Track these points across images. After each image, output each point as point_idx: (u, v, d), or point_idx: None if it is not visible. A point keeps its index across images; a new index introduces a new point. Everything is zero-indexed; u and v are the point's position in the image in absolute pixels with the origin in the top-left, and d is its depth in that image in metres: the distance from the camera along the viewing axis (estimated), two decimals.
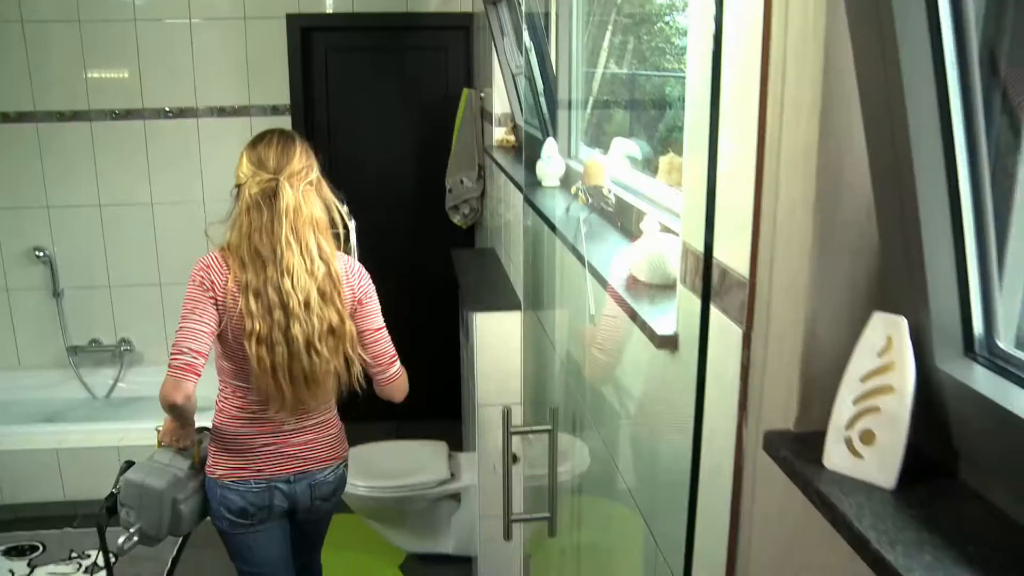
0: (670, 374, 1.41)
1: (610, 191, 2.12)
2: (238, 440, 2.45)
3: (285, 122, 4.95)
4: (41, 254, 5.06)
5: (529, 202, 2.65)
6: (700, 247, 1.22)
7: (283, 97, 4.96)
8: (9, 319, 5.19)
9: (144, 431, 4.18)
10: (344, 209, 2.55)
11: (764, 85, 1.03)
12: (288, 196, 2.28)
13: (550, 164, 2.74)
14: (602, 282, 1.74)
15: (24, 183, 4.98)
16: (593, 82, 2.94)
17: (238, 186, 2.38)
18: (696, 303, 1.24)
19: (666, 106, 2.49)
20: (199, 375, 2.24)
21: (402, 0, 4.93)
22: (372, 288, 2.55)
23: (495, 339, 3.21)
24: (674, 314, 1.40)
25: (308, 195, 2.34)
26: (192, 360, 2.22)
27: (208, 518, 2.56)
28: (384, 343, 2.56)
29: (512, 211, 3.52)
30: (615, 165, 2.28)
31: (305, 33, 4.95)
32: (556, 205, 2.51)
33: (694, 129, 1.29)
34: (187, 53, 4.87)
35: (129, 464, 2.47)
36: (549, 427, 2.08)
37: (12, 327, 5.20)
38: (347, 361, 2.46)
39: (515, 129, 4.30)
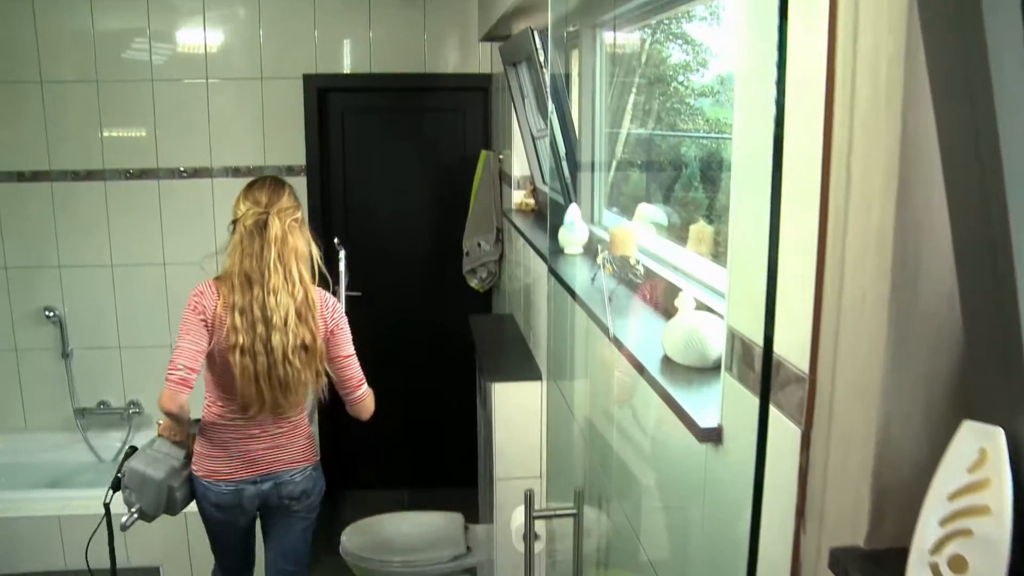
0: (713, 469, 1.29)
1: (638, 262, 2.02)
2: (216, 441, 2.82)
3: (300, 183, 4.89)
4: (51, 314, 4.97)
5: (554, 274, 2.54)
6: (750, 335, 1.11)
7: (299, 158, 4.91)
8: (16, 380, 5.09)
9: None
10: (335, 240, 3.27)
11: (826, 162, 0.93)
12: (277, 227, 2.64)
13: (573, 231, 2.64)
14: (634, 362, 1.62)
15: (36, 242, 4.91)
16: (617, 145, 2.86)
17: (234, 221, 2.74)
18: (745, 395, 1.13)
19: (696, 172, 2.41)
20: (192, 387, 2.62)
21: (420, 61, 4.90)
22: (344, 320, 2.86)
23: (514, 410, 3.10)
24: (716, 403, 1.29)
25: (293, 229, 2.70)
26: (186, 375, 2.60)
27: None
28: (352, 368, 2.86)
29: (532, 275, 3.43)
30: (640, 232, 2.19)
31: (322, 94, 4.91)
32: (580, 274, 2.41)
33: (741, 203, 1.18)
34: (203, 113, 4.83)
35: (133, 450, 2.86)
36: (574, 510, 1.96)
37: (19, 388, 5.10)
38: (318, 374, 2.79)
39: (534, 192, 4.22)
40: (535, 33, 3.10)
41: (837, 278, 0.93)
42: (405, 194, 5.09)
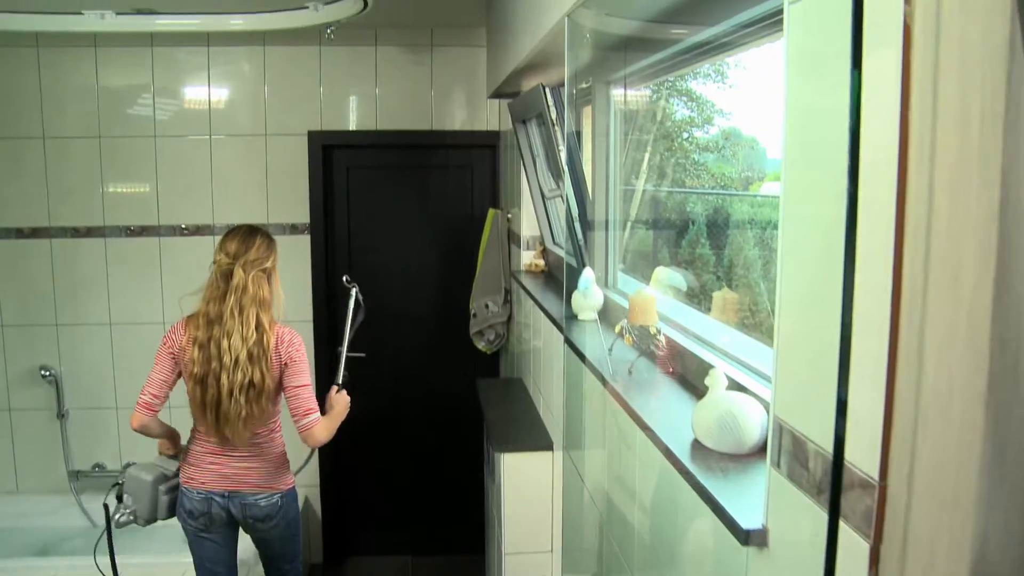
0: (757, 575, 1.15)
1: (659, 331, 1.88)
2: (194, 453, 3.10)
3: (304, 241, 4.80)
4: (47, 373, 4.85)
5: (571, 345, 2.40)
6: (803, 428, 0.97)
7: (303, 216, 4.81)
8: (10, 441, 4.94)
9: (144, 565, 3.91)
10: (344, 278, 3.64)
11: (899, 235, 0.80)
12: (239, 277, 2.94)
13: (588, 296, 2.50)
14: (660, 446, 1.48)
15: (34, 300, 4.81)
16: (631, 206, 2.75)
17: (215, 262, 3.03)
18: (796, 495, 0.98)
19: (717, 232, 2.29)
20: (155, 411, 2.98)
21: (427, 118, 4.82)
22: (298, 354, 3.04)
23: (524, 482, 2.96)
24: (758, 499, 1.14)
25: (259, 279, 2.98)
26: (150, 401, 2.96)
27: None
28: (301, 399, 3.01)
29: (541, 338, 3.30)
30: (659, 298, 2.06)
31: (327, 150, 4.83)
32: (596, 343, 2.27)
33: (792, 276, 1.05)
34: (206, 170, 4.75)
35: (131, 464, 3.19)
36: None
37: (12, 450, 4.95)
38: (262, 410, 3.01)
39: (544, 253, 4.11)
40: (546, 90, 3.01)
41: (914, 368, 0.80)
42: (411, 253, 4.97)
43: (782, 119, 1.03)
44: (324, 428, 3.06)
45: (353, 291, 3.62)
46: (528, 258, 4.16)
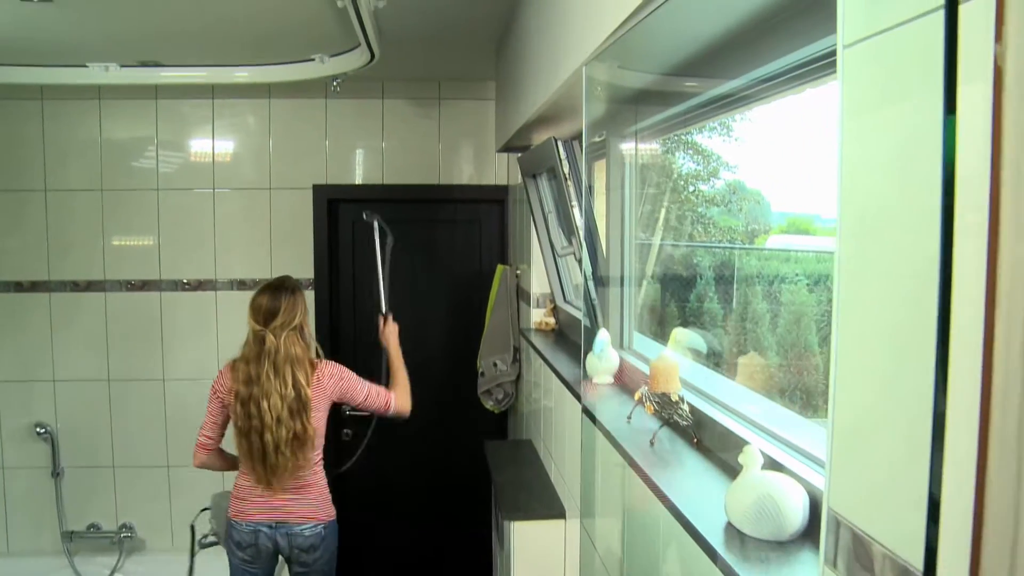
0: None
1: (682, 399, 1.77)
2: (243, 488, 3.24)
3: (308, 298, 4.69)
4: (42, 430, 4.73)
5: (588, 414, 2.26)
6: (867, 527, 0.85)
7: (307, 271, 4.73)
8: (1, 501, 4.82)
9: None
10: (364, 214, 3.92)
11: (991, 310, 0.69)
12: (271, 343, 3.09)
13: (603, 359, 2.39)
14: (691, 530, 1.35)
15: (31, 355, 4.73)
16: (647, 263, 2.65)
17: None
18: None
19: (740, 290, 2.19)
20: (209, 450, 3.26)
21: (434, 172, 4.76)
22: (345, 380, 3.27)
23: (535, 550, 2.83)
24: None
25: (291, 338, 3.13)
26: (205, 441, 3.25)
27: None
28: (373, 404, 3.35)
29: (552, 399, 3.18)
30: (679, 361, 1.94)
31: (332, 204, 4.76)
32: (613, 409, 2.15)
33: (851, 344, 0.93)
34: (209, 223, 4.68)
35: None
36: None
37: (4, 510, 4.82)
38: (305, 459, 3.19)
39: (555, 311, 4.00)
40: (559, 143, 2.92)
41: (1011, 462, 0.68)
42: (417, 310, 4.86)
43: (837, 170, 0.93)
44: (402, 397, 3.43)
45: (375, 222, 3.80)
46: (538, 316, 4.06)
